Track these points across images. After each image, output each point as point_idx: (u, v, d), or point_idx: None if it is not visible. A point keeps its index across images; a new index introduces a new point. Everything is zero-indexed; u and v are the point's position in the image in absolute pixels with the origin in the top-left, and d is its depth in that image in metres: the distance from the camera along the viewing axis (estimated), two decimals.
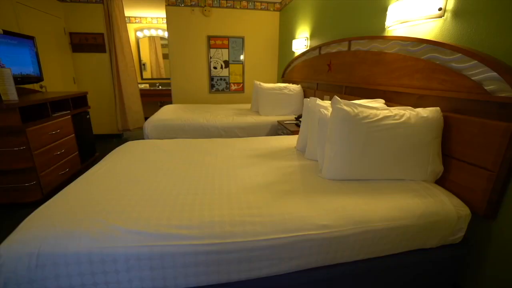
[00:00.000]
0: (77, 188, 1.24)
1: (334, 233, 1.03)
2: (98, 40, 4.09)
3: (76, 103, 3.01)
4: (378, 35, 1.87)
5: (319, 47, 2.77)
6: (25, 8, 3.11)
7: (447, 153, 1.32)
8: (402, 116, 1.30)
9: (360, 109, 1.32)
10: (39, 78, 2.91)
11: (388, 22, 1.70)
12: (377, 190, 1.25)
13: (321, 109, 1.52)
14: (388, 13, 1.69)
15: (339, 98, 1.35)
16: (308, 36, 3.18)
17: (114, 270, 0.91)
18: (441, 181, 1.34)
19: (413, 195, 1.20)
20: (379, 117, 1.29)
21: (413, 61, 1.51)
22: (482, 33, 1.18)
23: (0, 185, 2.20)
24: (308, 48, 3.17)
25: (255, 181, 1.33)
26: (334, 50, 2.49)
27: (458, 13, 1.28)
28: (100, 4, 3.93)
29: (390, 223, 1.08)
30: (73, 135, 2.86)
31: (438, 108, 1.32)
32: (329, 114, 1.43)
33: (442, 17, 1.35)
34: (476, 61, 1.16)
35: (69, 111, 2.80)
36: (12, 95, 2.17)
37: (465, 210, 1.16)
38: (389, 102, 1.69)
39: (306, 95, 3.17)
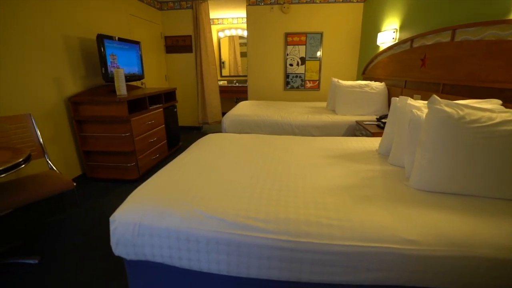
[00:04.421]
0: (168, 173, 1.42)
1: (423, 251, 0.90)
2: (187, 42, 4.60)
3: (167, 98, 3.45)
4: (497, 19, 1.52)
5: (411, 40, 2.44)
6: (135, 18, 3.74)
7: None
8: None
9: (466, 110, 1.11)
10: (141, 76, 3.45)
11: None
12: (483, 209, 1.03)
13: (413, 110, 1.34)
14: None
15: (438, 98, 1.16)
16: (398, 28, 2.84)
17: (196, 249, 1.01)
18: None
19: None
20: (495, 121, 1.06)
21: None
22: None
23: (111, 163, 2.72)
24: (396, 41, 2.84)
25: (332, 183, 1.27)
26: (430, 42, 2.16)
27: None
28: (190, 10, 4.39)
29: (505, 253, 0.87)
30: (163, 125, 3.30)
31: None
32: (424, 116, 1.24)
33: None
34: None
35: (161, 105, 3.24)
36: (123, 90, 2.64)
37: None
38: (509, 104, 1.36)
39: (390, 94, 2.86)
